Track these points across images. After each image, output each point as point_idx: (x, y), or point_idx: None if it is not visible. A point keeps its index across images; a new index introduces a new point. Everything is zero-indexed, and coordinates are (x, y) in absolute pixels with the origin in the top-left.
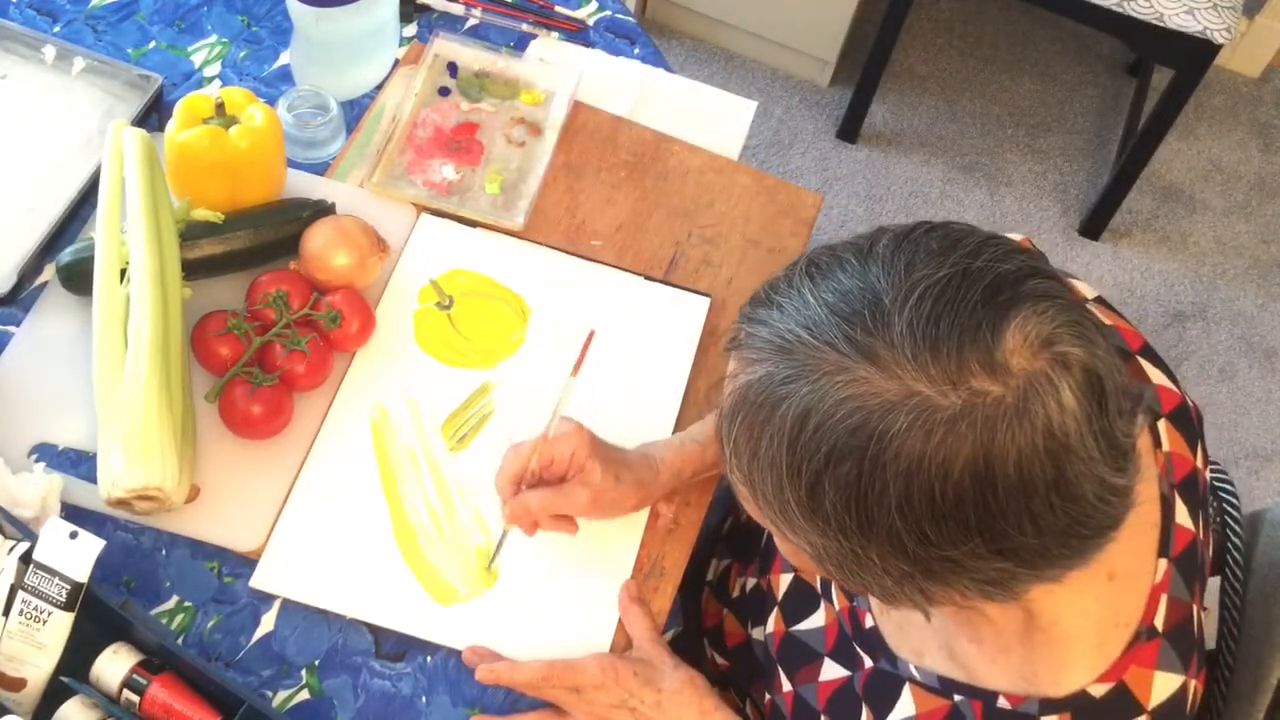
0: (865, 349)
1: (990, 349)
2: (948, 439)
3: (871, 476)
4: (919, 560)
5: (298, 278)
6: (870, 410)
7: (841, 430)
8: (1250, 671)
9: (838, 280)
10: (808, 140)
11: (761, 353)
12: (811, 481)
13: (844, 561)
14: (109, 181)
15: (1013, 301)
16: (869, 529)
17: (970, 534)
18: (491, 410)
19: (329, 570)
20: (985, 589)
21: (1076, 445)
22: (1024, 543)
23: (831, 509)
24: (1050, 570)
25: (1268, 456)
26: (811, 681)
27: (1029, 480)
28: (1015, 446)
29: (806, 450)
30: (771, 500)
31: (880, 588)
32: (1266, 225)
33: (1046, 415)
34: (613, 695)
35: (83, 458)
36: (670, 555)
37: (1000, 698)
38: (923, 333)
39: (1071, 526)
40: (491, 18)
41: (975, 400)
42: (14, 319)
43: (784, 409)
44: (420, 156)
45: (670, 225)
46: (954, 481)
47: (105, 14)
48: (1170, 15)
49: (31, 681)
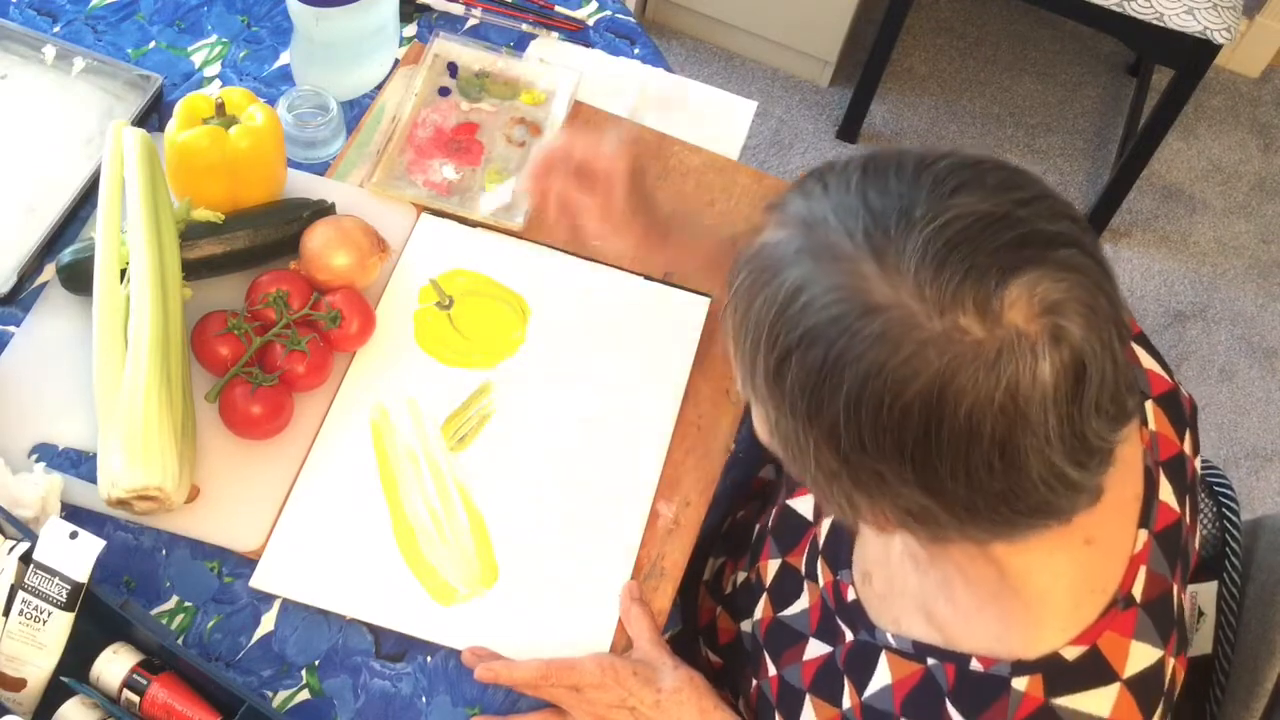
0: (877, 248)
1: (991, 294)
2: (913, 359)
3: (833, 367)
4: (850, 464)
5: (298, 278)
6: (855, 305)
7: (823, 316)
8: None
9: (885, 182)
10: (808, 140)
11: (789, 220)
12: (782, 355)
13: (788, 442)
14: (109, 181)
15: (1036, 260)
16: (816, 417)
17: (903, 458)
18: (492, 410)
19: (329, 570)
20: (905, 518)
21: (1035, 419)
22: (952, 489)
23: (791, 386)
24: (974, 528)
25: (1268, 456)
26: (796, 662)
27: (975, 431)
28: (973, 393)
29: (788, 324)
30: (746, 358)
31: (814, 481)
32: (1266, 225)
33: (1016, 378)
34: (612, 695)
35: (83, 458)
36: (670, 555)
37: (973, 660)
38: (934, 254)
39: (1006, 495)
40: (491, 18)
41: (954, 334)
42: (14, 319)
43: (783, 277)
44: (420, 156)
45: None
46: (904, 402)
47: (105, 14)
48: (1170, 15)
49: (31, 681)
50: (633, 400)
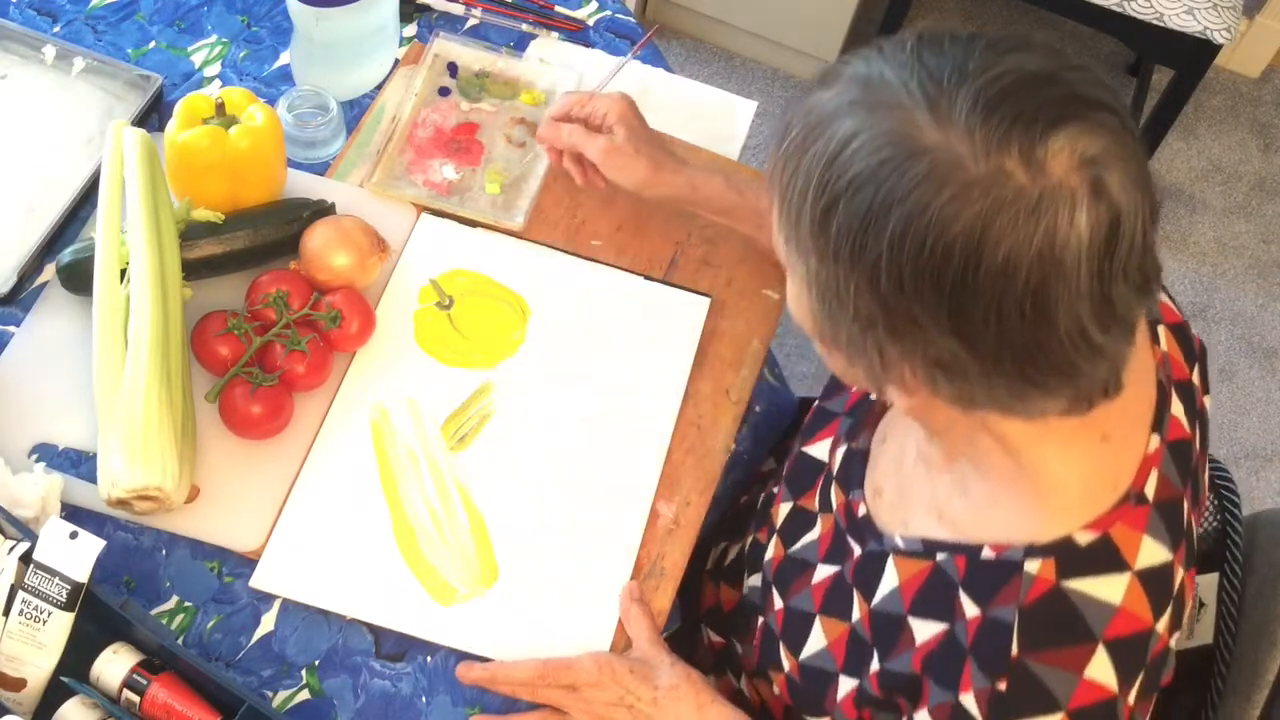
0: (931, 98)
1: (1036, 142)
2: (957, 199)
3: (880, 209)
4: (887, 306)
5: (298, 278)
6: (903, 148)
7: (873, 160)
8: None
9: (941, 46)
10: None
11: (844, 79)
12: (830, 202)
13: (826, 292)
14: (109, 181)
15: (1080, 115)
16: (859, 259)
17: (940, 299)
18: (492, 410)
19: (329, 570)
20: (934, 372)
21: (1069, 269)
22: (983, 335)
23: (836, 231)
24: (1000, 386)
25: (1268, 456)
26: (804, 589)
27: (1011, 274)
28: (1013, 236)
29: (838, 170)
30: (791, 210)
31: (847, 336)
32: (1266, 225)
33: (1054, 225)
34: (609, 693)
35: (83, 458)
36: (670, 555)
37: (985, 549)
38: (985, 102)
39: (1031, 348)
40: (491, 18)
41: (998, 178)
42: (14, 319)
43: (835, 128)
44: (420, 156)
45: (670, 225)
46: (945, 241)
47: (105, 14)
48: (1170, 15)
49: (31, 681)
50: (633, 400)
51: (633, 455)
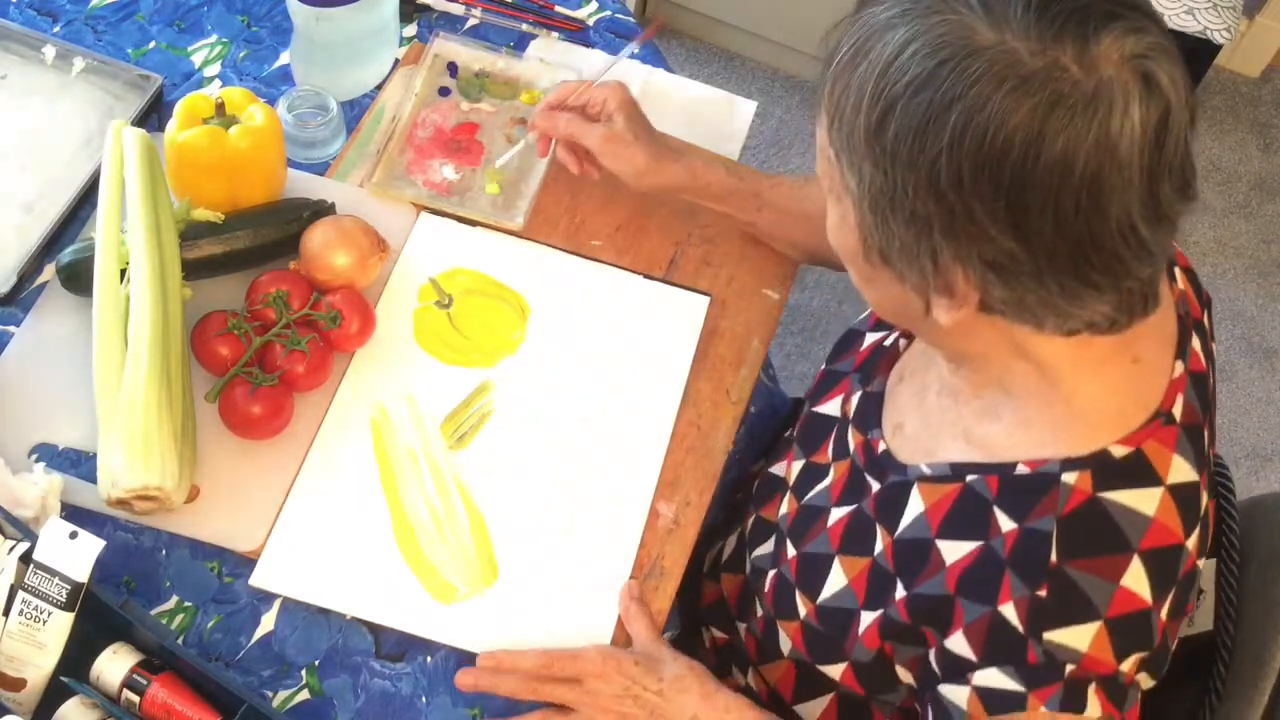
0: (985, 2)
1: (1089, 39)
2: (1016, 93)
3: (940, 106)
4: (946, 205)
5: (298, 278)
6: (960, 48)
7: (931, 62)
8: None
9: None
10: (808, 140)
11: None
12: (886, 107)
13: (879, 200)
14: (109, 181)
15: (1127, 15)
16: (918, 157)
17: (999, 192)
18: (491, 409)
19: (329, 569)
20: (987, 275)
21: (1124, 160)
22: (1040, 229)
23: (894, 136)
24: (1047, 286)
25: (1267, 456)
26: (820, 533)
27: (1069, 165)
28: (1071, 128)
29: (894, 75)
30: (844, 123)
31: (900, 245)
32: (1266, 225)
33: (1109, 118)
34: (615, 684)
35: (83, 458)
36: (670, 555)
37: (1019, 466)
38: (1040, 4)
39: (1085, 242)
40: (491, 18)
41: (1055, 71)
42: (14, 319)
43: (890, 36)
44: (420, 156)
45: (670, 225)
46: (1005, 134)
47: (105, 14)
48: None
49: (31, 681)
50: (632, 400)
51: (633, 455)
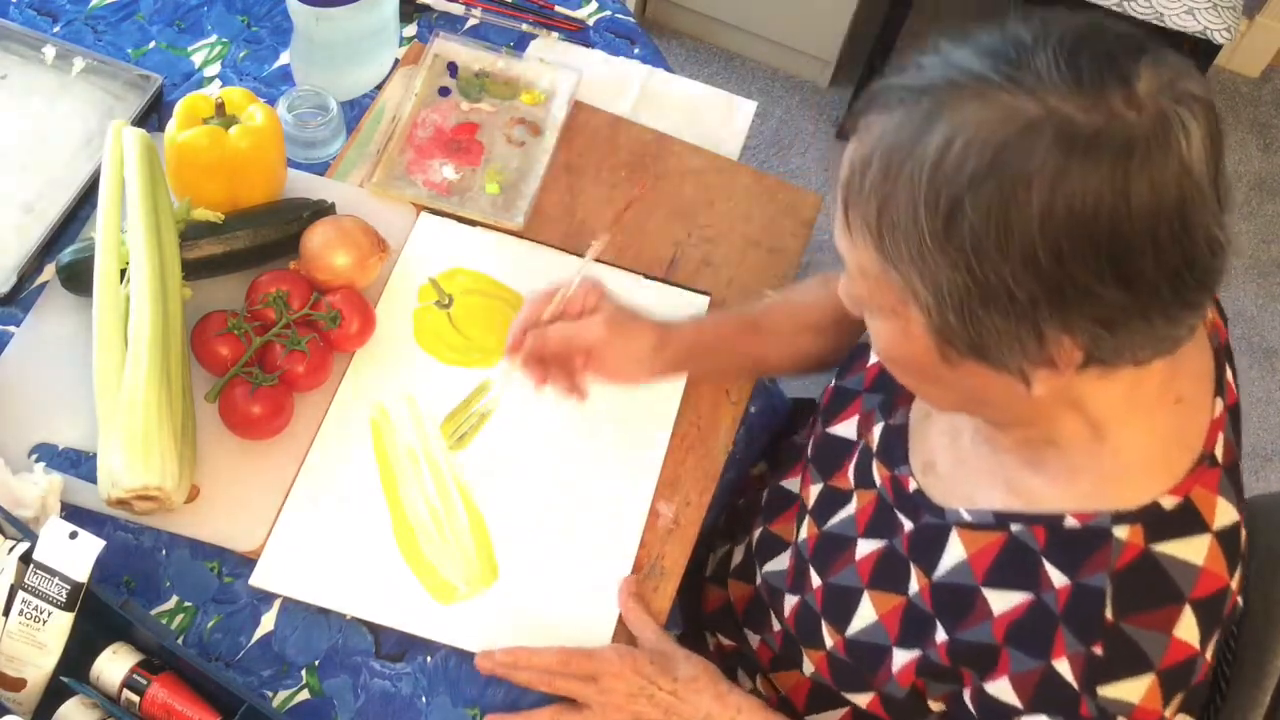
0: (1010, 76)
1: (1130, 81)
2: (1089, 154)
3: (1014, 192)
4: (1050, 281)
5: (298, 278)
6: (1014, 129)
7: (986, 152)
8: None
9: (977, 37)
10: (808, 140)
11: (897, 102)
12: (951, 207)
13: (968, 301)
14: (109, 181)
15: (1143, 49)
16: (1007, 247)
17: (1100, 253)
18: (491, 409)
19: (329, 568)
20: (1096, 333)
21: (1200, 178)
22: (1143, 270)
23: (969, 232)
24: (1153, 318)
25: (1267, 456)
26: (848, 564)
27: (1160, 206)
28: (1152, 168)
29: (948, 174)
30: (902, 241)
31: (996, 334)
32: (1266, 225)
33: (1180, 146)
34: (631, 683)
35: (83, 458)
36: (670, 555)
37: (1067, 518)
38: (1067, 61)
39: (1182, 267)
40: (491, 18)
41: (1115, 123)
42: (14, 319)
43: (925, 140)
44: (420, 156)
45: (670, 225)
46: (1093, 196)
47: (105, 14)
48: (1170, 15)
49: (31, 681)
50: (632, 399)
51: (632, 455)
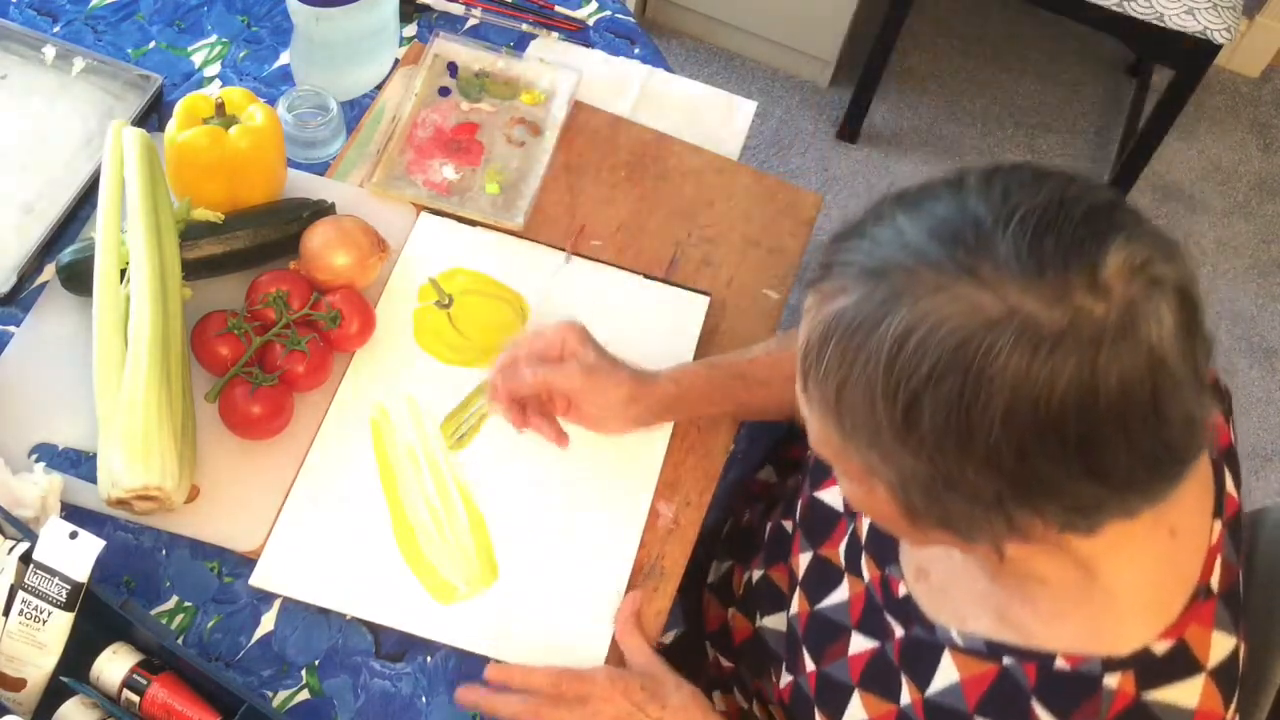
0: (968, 268)
1: (1095, 270)
2: (1054, 354)
3: (975, 391)
4: (1015, 478)
5: (298, 278)
6: (974, 327)
7: (946, 347)
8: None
9: (932, 209)
10: (808, 140)
11: (854, 280)
12: (909, 401)
13: (931, 486)
14: (109, 181)
15: (1111, 227)
16: (967, 446)
17: (1068, 450)
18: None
19: (328, 568)
20: (1069, 516)
21: (1174, 365)
22: (1116, 464)
23: (930, 427)
24: (1131, 499)
25: (1267, 456)
26: (840, 657)
27: (1130, 398)
28: (1119, 363)
29: (906, 369)
30: (861, 427)
31: (964, 516)
32: (1266, 225)
33: (1149, 335)
34: (619, 707)
35: (83, 458)
36: (670, 555)
37: (1058, 658)
38: (1027, 252)
39: (1159, 451)
40: (491, 18)
41: (1080, 318)
42: (14, 319)
43: (882, 329)
44: (420, 156)
45: (670, 225)
46: (1058, 396)
47: (105, 14)
48: (1170, 15)
49: (31, 681)
50: None
51: (632, 455)
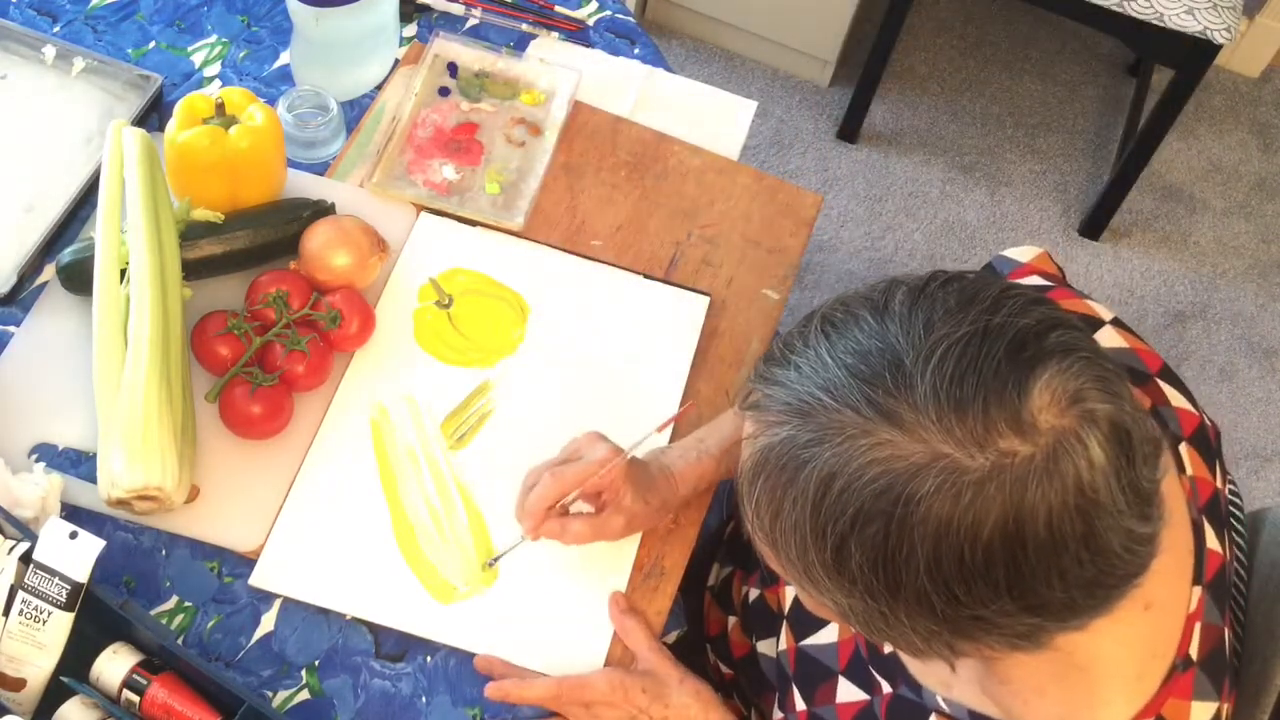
0: (888, 412)
1: (1017, 408)
2: (976, 500)
3: (899, 538)
4: (947, 619)
5: (298, 278)
6: (896, 473)
7: (867, 494)
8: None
9: (854, 339)
10: (808, 140)
11: (781, 415)
12: (837, 544)
13: (870, 620)
14: (109, 181)
15: (1037, 358)
16: (896, 590)
17: (999, 593)
18: (491, 409)
19: (328, 568)
20: (1013, 642)
21: (1106, 500)
22: (1052, 598)
23: (858, 570)
24: (1075, 620)
25: (1267, 457)
26: (829, 703)
27: (1059, 538)
28: (1045, 505)
29: (831, 513)
30: (795, 561)
31: (907, 643)
32: (1266, 225)
33: (1076, 472)
34: (622, 712)
35: (83, 458)
36: (670, 555)
37: None
38: (946, 394)
39: (1098, 578)
40: (491, 18)
41: (1004, 461)
42: (14, 319)
43: (807, 472)
44: (420, 156)
45: (670, 225)
46: (984, 542)
47: (105, 14)
48: (1170, 15)
49: (31, 681)
50: (632, 400)
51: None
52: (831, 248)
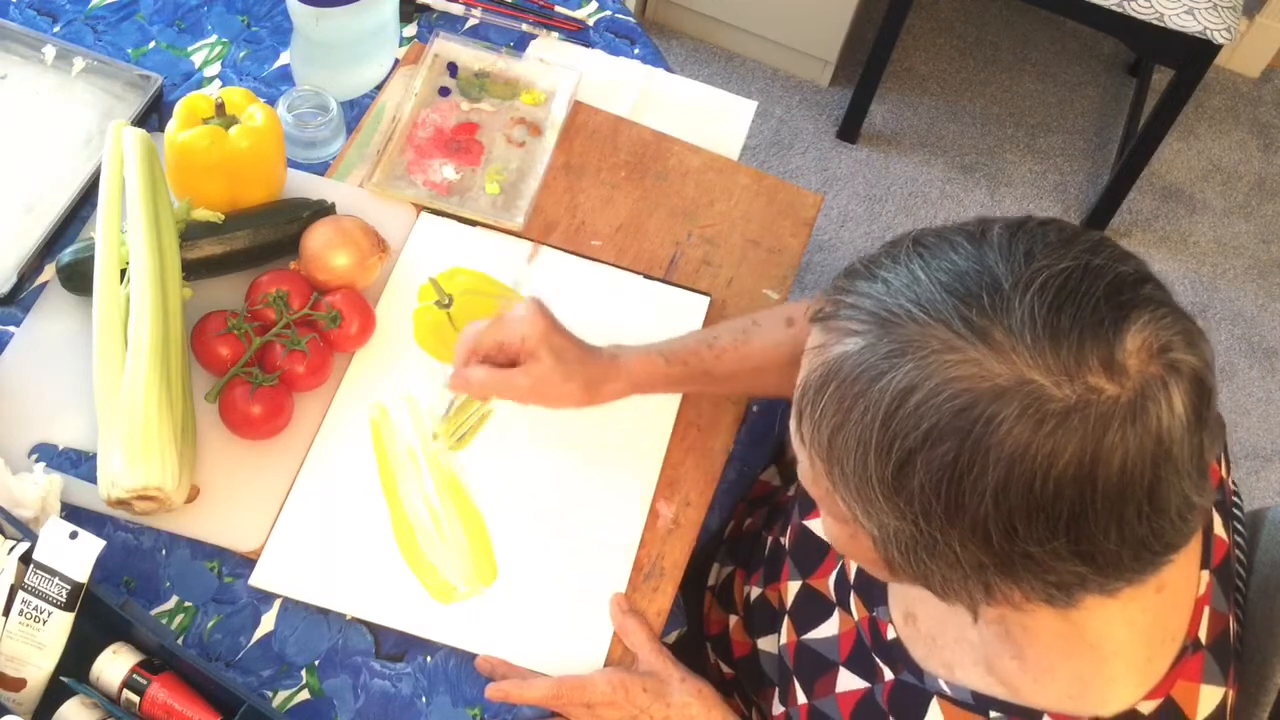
0: (981, 331)
1: (1111, 348)
2: (1057, 431)
3: (971, 459)
4: (1000, 553)
5: (298, 278)
6: (979, 393)
7: (946, 410)
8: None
9: (951, 260)
10: (808, 140)
11: (863, 324)
12: (902, 459)
13: (913, 547)
14: (109, 181)
15: (1133, 303)
16: (954, 515)
17: (1056, 532)
18: (491, 409)
19: (328, 568)
20: (1050, 592)
21: (1177, 454)
22: (1105, 548)
23: (919, 489)
24: (1116, 581)
25: (1267, 456)
26: (829, 694)
27: (1127, 483)
28: (1123, 448)
29: (903, 426)
30: (850, 475)
31: (942, 578)
32: (1266, 225)
33: (1158, 420)
34: (623, 712)
35: (83, 458)
36: (670, 555)
37: (1045, 716)
38: (1044, 321)
39: (1149, 539)
40: (491, 18)
41: (1090, 396)
42: (14, 319)
43: (884, 382)
44: (420, 156)
45: (670, 225)
46: (1056, 474)
47: (105, 14)
48: (1170, 15)
49: (31, 681)
50: (632, 399)
51: (632, 455)
52: (831, 248)
